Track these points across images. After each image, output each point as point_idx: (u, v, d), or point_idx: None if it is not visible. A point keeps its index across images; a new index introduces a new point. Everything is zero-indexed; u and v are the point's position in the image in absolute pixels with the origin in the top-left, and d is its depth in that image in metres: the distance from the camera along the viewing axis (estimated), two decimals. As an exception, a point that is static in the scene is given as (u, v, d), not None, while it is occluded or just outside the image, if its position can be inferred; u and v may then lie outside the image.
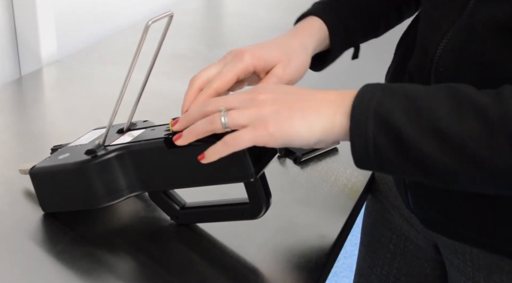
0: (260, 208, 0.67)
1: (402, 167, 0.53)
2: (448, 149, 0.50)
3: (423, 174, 0.53)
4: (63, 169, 0.71)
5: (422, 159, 0.51)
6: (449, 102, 0.51)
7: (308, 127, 0.56)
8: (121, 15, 1.55)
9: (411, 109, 0.52)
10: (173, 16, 0.68)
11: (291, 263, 0.69)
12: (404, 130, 0.51)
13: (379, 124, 0.52)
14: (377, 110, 0.52)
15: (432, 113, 0.51)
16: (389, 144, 0.52)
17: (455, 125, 0.50)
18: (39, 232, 0.73)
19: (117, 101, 0.69)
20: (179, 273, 0.67)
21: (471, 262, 0.68)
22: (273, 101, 0.57)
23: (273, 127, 0.56)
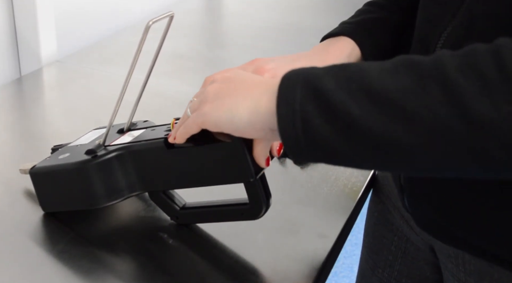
0: (260, 208, 0.67)
1: (332, 139, 0.48)
2: (377, 106, 0.46)
3: (356, 147, 0.48)
4: (63, 168, 0.71)
5: (351, 123, 0.47)
6: (382, 65, 0.48)
7: (234, 108, 0.55)
8: (121, 15, 1.55)
9: (342, 75, 0.49)
10: (173, 16, 0.68)
11: (291, 263, 0.69)
12: (332, 93, 0.47)
13: (306, 90, 0.49)
14: (306, 78, 0.50)
15: (362, 74, 0.48)
16: (318, 109, 0.48)
17: (384, 80, 0.46)
18: (39, 232, 0.73)
19: (117, 101, 0.69)
20: (179, 273, 0.67)
21: (463, 267, 0.68)
22: (219, 84, 0.58)
23: (208, 107, 0.57)
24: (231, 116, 0.55)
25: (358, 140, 0.47)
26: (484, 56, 0.44)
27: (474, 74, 0.44)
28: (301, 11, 1.74)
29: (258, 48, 1.42)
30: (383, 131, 0.46)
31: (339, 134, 0.48)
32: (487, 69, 0.44)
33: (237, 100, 0.55)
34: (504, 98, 0.43)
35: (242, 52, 1.41)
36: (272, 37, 1.50)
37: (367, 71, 0.48)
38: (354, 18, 0.78)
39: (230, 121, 0.55)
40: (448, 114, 0.44)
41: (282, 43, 1.45)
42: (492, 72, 0.43)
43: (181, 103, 1.11)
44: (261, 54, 1.43)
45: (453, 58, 0.45)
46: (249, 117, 0.54)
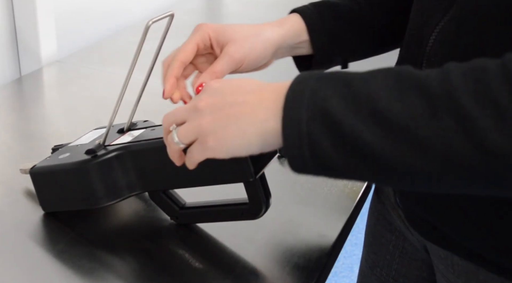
0: (260, 208, 0.67)
1: (340, 161, 0.48)
2: (389, 132, 0.45)
3: (365, 168, 0.47)
4: (64, 168, 0.71)
5: (361, 148, 0.46)
6: (388, 82, 0.47)
7: (243, 135, 0.53)
8: (121, 15, 1.55)
9: (349, 94, 0.47)
10: (173, 16, 0.68)
11: (291, 263, 0.69)
12: (341, 116, 0.46)
13: (313, 112, 0.47)
14: (311, 98, 0.48)
15: (370, 95, 0.46)
16: (325, 132, 0.47)
17: (394, 105, 0.45)
18: (39, 232, 0.73)
19: (117, 101, 0.69)
20: (179, 273, 0.67)
21: (452, 268, 0.68)
22: (211, 109, 0.55)
23: (212, 141, 0.54)
24: (242, 144, 0.54)
25: (369, 165, 0.47)
26: (497, 81, 0.43)
27: (488, 103, 0.43)
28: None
29: (258, 48, 1.42)
30: (396, 157, 0.46)
31: (348, 157, 0.47)
32: (501, 97, 0.43)
33: (242, 128, 0.53)
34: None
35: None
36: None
37: (375, 93, 0.46)
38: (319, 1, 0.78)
39: (244, 148, 0.54)
40: (462, 144, 0.43)
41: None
42: (506, 100, 0.43)
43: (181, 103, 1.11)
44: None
45: (464, 83, 0.44)
46: (262, 142, 0.53)
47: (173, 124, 0.58)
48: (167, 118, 0.59)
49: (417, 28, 0.64)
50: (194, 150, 0.57)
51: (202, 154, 0.56)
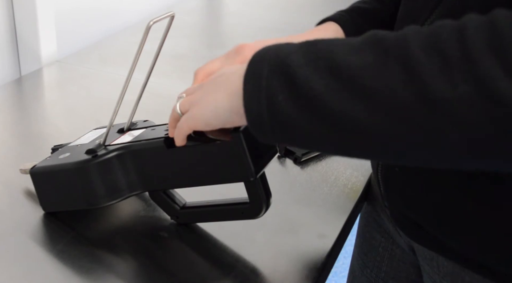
0: (261, 208, 0.67)
1: (294, 116, 0.47)
2: (339, 83, 0.45)
3: (318, 125, 0.46)
4: (64, 168, 0.71)
5: (313, 100, 0.45)
6: (351, 40, 0.47)
7: (215, 101, 0.55)
8: (121, 15, 1.55)
9: (311, 50, 0.47)
10: (174, 16, 0.68)
11: (291, 263, 0.69)
12: (297, 68, 0.46)
13: (274, 65, 0.48)
14: (275, 53, 0.49)
15: (329, 50, 0.46)
16: (282, 85, 0.47)
17: (350, 57, 0.45)
18: (39, 232, 0.73)
19: (117, 101, 0.69)
20: (179, 272, 0.67)
21: (438, 269, 0.69)
22: (207, 84, 0.59)
23: (196, 109, 0.58)
24: (215, 110, 0.55)
25: (319, 118, 0.46)
26: (449, 34, 0.43)
27: (436, 53, 0.42)
28: (300, 11, 1.74)
29: (258, 48, 1.42)
30: (343, 109, 0.45)
31: (300, 111, 0.46)
32: (449, 48, 0.42)
33: (218, 93, 0.55)
34: (461, 77, 0.41)
35: (242, 52, 1.41)
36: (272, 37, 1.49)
37: (335, 47, 0.46)
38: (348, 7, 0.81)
39: (216, 115, 0.55)
40: (406, 93, 0.42)
41: (282, 43, 1.45)
42: (454, 50, 0.42)
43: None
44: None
45: (418, 35, 0.44)
46: (230, 104, 0.54)
47: (183, 94, 0.62)
48: (185, 90, 0.63)
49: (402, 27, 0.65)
50: (182, 119, 0.60)
51: (186, 122, 0.59)
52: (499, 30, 0.41)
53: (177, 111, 0.61)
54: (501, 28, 0.41)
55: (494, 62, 0.40)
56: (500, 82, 0.40)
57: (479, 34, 0.41)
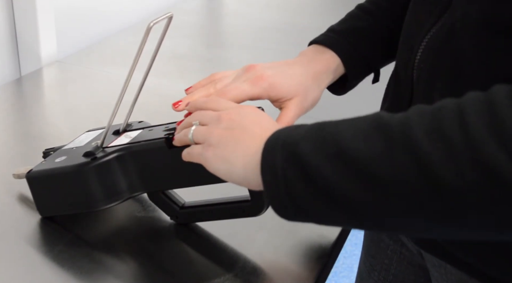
0: (262, 205, 0.67)
1: (313, 203, 0.49)
2: (350, 173, 0.46)
3: (335, 211, 0.48)
4: (62, 172, 0.70)
5: (330, 189, 0.47)
6: (357, 125, 0.48)
7: (233, 161, 0.56)
8: (121, 15, 1.55)
9: (318, 136, 0.49)
10: (172, 17, 0.68)
11: (291, 263, 0.69)
12: (310, 157, 0.48)
13: (286, 155, 0.49)
14: (285, 142, 0.50)
15: (337, 136, 0.48)
16: (297, 175, 0.48)
17: (357, 145, 0.46)
18: (38, 233, 0.73)
19: (116, 102, 0.69)
20: (179, 273, 0.67)
21: (446, 276, 0.68)
22: (228, 124, 0.58)
23: (211, 151, 0.57)
24: (229, 170, 0.56)
25: (338, 206, 0.48)
26: (451, 120, 0.44)
27: (440, 140, 0.43)
28: (301, 11, 1.74)
29: (258, 48, 1.42)
30: (359, 199, 0.46)
31: (319, 199, 0.48)
32: (452, 134, 0.43)
33: (235, 154, 0.56)
34: (468, 165, 0.42)
35: (242, 52, 1.41)
36: (272, 37, 1.50)
37: (342, 135, 0.48)
38: (342, 24, 0.79)
39: (229, 174, 0.57)
40: (418, 183, 0.44)
41: (282, 43, 1.45)
42: (457, 137, 0.43)
43: (181, 103, 1.11)
44: (261, 54, 1.43)
45: (421, 120, 0.45)
46: (244, 175, 0.55)
47: (196, 121, 0.61)
48: (196, 114, 0.63)
49: (409, 35, 0.65)
50: (195, 150, 0.60)
51: (197, 157, 0.60)
52: (499, 114, 0.42)
53: (189, 138, 0.61)
54: (501, 111, 0.42)
55: (496, 147, 0.41)
56: (505, 168, 0.41)
57: (480, 119, 0.42)
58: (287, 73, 0.72)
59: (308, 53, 0.76)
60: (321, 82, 0.74)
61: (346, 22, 0.79)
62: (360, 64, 0.77)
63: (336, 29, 0.78)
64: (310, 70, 0.73)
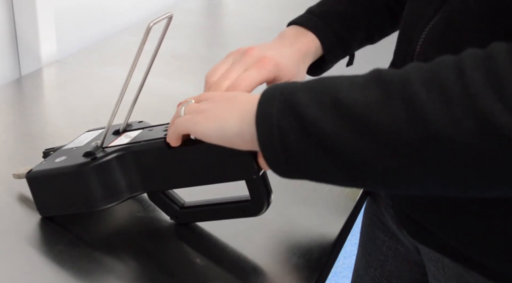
0: (262, 205, 0.67)
1: (307, 154, 0.48)
2: (346, 121, 0.46)
3: (330, 163, 0.48)
4: (62, 172, 0.70)
5: (323, 139, 0.47)
6: (354, 78, 0.48)
7: (226, 117, 0.56)
8: (121, 15, 1.55)
9: (316, 87, 0.49)
10: (172, 17, 0.68)
11: (291, 263, 0.69)
12: (305, 107, 0.48)
13: (282, 106, 0.49)
14: (282, 92, 0.50)
15: (334, 87, 0.48)
16: (292, 125, 0.48)
17: (354, 95, 0.46)
18: (38, 233, 0.73)
19: (116, 102, 0.69)
20: (179, 273, 0.67)
21: (443, 270, 0.69)
22: (220, 98, 0.60)
23: (199, 116, 0.59)
24: (221, 127, 0.56)
25: (331, 156, 0.48)
26: (448, 70, 0.44)
27: (437, 89, 0.44)
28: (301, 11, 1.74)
29: (258, 48, 1.42)
30: (352, 148, 0.46)
31: (312, 149, 0.48)
32: (449, 84, 0.43)
33: (229, 114, 0.57)
34: (463, 113, 0.42)
35: (242, 52, 1.41)
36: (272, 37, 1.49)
37: (339, 85, 0.48)
38: (321, 7, 0.80)
39: (220, 131, 0.57)
40: (412, 131, 0.44)
41: (282, 43, 1.45)
42: (454, 86, 0.43)
43: (181, 103, 1.11)
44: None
45: (419, 73, 0.45)
46: (239, 129, 0.55)
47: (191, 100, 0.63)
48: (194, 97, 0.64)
49: (408, 28, 0.65)
50: (181, 119, 0.61)
51: (184, 123, 0.60)
52: (497, 67, 0.42)
53: (181, 114, 0.62)
54: (498, 64, 0.42)
55: (493, 97, 0.41)
56: (501, 117, 0.41)
57: (478, 70, 0.43)
58: (283, 54, 0.72)
59: (289, 35, 0.77)
60: (306, 64, 0.75)
61: (325, 5, 0.80)
62: (337, 48, 0.78)
63: (316, 11, 0.79)
64: (296, 52, 0.74)
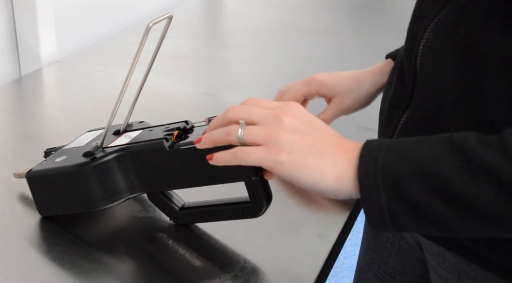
0: (261, 206, 0.67)
1: (420, 227, 0.54)
2: (468, 214, 0.51)
3: (444, 232, 0.53)
4: (62, 171, 0.70)
5: (442, 222, 0.52)
6: (458, 164, 0.50)
7: (321, 172, 0.55)
8: (121, 15, 1.55)
9: (421, 175, 0.51)
10: (172, 17, 0.68)
11: (291, 263, 0.69)
12: (419, 198, 0.51)
13: (391, 195, 0.52)
14: (386, 181, 0.52)
15: (443, 179, 0.50)
16: (405, 211, 0.52)
17: (470, 190, 0.50)
18: (38, 233, 0.73)
19: (116, 102, 0.69)
20: (179, 273, 0.67)
21: (444, 264, 0.69)
22: (294, 129, 0.56)
23: (285, 156, 0.55)
24: (317, 180, 0.55)
25: (449, 230, 0.53)
26: None
27: None
28: (300, 11, 1.74)
29: (258, 48, 1.42)
30: (475, 229, 0.52)
31: (429, 225, 0.53)
32: None
33: (322, 165, 0.55)
34: None
35: (242, 52, 1.41)
36: (272, 37, 1.50)
37: (444, 175, 0.51)
38: None
39: (316, 183, 0.55)
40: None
41: (281, 43, 1.45)
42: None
43: (180, 103, 1.11)
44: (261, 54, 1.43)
45: None
46: (337, 187, 0.55)
47: (242, 120, 0.58)
48: (237, 111, 0.59)
49: (415, 24, 0.66)
50: (256, 152, 0.57)
51: (262, 160, 0.56)
52: None
53: (239, 136, 0.58)
54: None
55: None
56: None
57: None
58: (337, 76, 0.82)
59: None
60: (363, 85, 0.81)
61: None
62: None
63: None
64: (356, 75, 0.81)
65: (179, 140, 0.68)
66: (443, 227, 0.52)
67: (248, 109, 0.59)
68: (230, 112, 0.60)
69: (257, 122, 0.58)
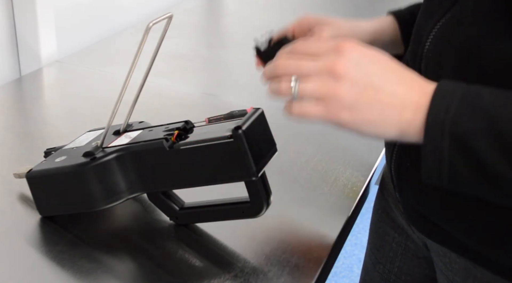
0: (261, 206, 0.67)
1: (476, 187, 0.52)
2: None
3: (497, 197, 0.52)
4: (62, 171, 0.70)
5: (501, 185, 0.50)
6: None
7: (383, 125, 0.53)
8: (121, 15, 1.55)
9: (493, 132, 0.49)
10: (172, 17, 0.68)
11: (291, 263, 0.69)
12: (485, 155, 0.49)
13: (456, 146, 0.50)
14: (453, 131, 0.50)
15: None
16: (466, 166, 0.50)
17: None
18: (38, 233, 0.73)
19: (116, 102, 0.69)
20: (179, 273, 0.67)
21: (451, 265, 0.69)
22: (353, 83, 0.53)
23: (346, 116, 0.53)
24: (379, 135, 0.54)
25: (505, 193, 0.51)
26: None
27: None
28: (300, 11, 1.74)
29: (258, 48, 1.42)
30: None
31: (487, 185, 0.51)
32: None
33: (385, 119, 0.53)
34: None
35: (242, 52, 1.41)
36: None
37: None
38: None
39: (377, 137, 0.55)
40: None
41: (282, 43, 1.45)
42: None
43: (180, 103, 1.11)
44: (261, 54, 1.42)
45: None
46: (399, 138, 0.54)
47: (294, 75, 0.55)
48: (287, 65, 0.56)
49: (419, 27, 0.66)
50: (316, 108, 0.54)
51: (324, 117, 0.54)
52: None
53: (292, 95, 0.55)
54: None
55: None
56: None
57: None
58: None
59: None
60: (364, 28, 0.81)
61: None
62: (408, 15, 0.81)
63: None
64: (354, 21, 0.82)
65: (179, 140, 0.68)
66: (500, 192, 0.50)
67: (298, 65, 0.56)
68: (280, 67, 0.57)
69: (309, 75, 0.55)
